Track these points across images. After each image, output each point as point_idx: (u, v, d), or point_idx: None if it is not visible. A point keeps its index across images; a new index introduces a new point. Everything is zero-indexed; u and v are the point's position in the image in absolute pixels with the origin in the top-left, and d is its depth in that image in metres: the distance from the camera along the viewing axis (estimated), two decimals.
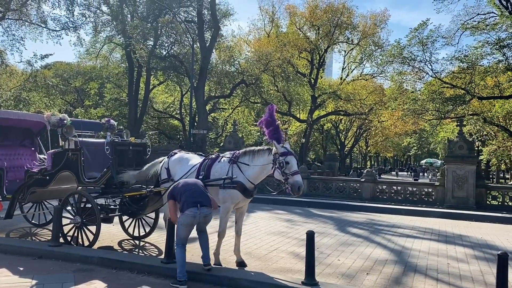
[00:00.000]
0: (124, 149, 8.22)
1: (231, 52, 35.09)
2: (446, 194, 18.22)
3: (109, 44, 36.41)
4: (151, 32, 30.08)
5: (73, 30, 30.75)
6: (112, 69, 39.36)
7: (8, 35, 27.98)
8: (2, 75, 27.95)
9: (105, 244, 8.55)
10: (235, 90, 34.82)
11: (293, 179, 6.35)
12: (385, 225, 12.54)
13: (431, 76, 22.14)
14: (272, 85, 37.64)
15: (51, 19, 29.35)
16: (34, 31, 29.88)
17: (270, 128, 6.85)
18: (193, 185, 6.31)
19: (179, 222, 6.09)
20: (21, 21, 29.07)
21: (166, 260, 6.66)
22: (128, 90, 34.41)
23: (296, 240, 9.65)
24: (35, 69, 29.97)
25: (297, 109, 45.00)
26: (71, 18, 29.96)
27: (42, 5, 29.24)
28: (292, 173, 6.38)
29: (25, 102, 29.84)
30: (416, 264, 7.93)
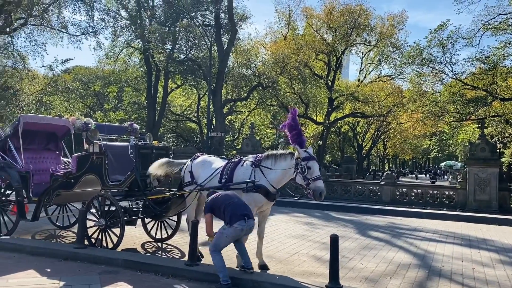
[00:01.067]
0: (147, 152, 8.32)
1: (248, 55, 35.21)
2: (468, 197, 17.96)
3: (128, 48, 36.90)
4: (169, 36, 30.42)
5: (93, 34, 31.25)
6: (131, 73, 39.88)
7: (30, 40, 28.59)
8: (24, 79, 28.50)
9: (128, 247, 8.65)
10: (252, 93, 34.91)
11: (315, 184, 6.35)
12: (407, 228, 12.41)
13: (452, 77, 21.85)
14: (289, 88, 37.61)
15: (71, 24, 29.75)
16: (55, 36, 30.46)
17: (293, 132, 6.86)
18: (235, 197, 6.42)
19: (223, 234, 6.13)
20: (42, 27, 29.67)
21: (190, 263, 6.71)
22: (147, 94, 34.82)
23: (318, 244, 9.62)
24: (56, 73, 30.54)
25: (313, 111, 44.87)
26: (90, 23, 30.49)
27: (62, 11, 29.85)
28: (314, 179, 6.37)
29: (46, 106, 30.37)
30: (440, 268, 7.83)
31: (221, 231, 6.18)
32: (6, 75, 27.60)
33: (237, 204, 6.23)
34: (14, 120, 9.28)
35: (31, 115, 10.02)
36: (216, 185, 7.12)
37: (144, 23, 31.79)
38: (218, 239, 6.19)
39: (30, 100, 29.62)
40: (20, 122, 8.75)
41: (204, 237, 9.28)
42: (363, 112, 41.01)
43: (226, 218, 6.12)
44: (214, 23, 30.03)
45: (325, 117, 40.93)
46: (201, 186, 7.33)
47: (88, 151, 8.23)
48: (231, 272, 6.33)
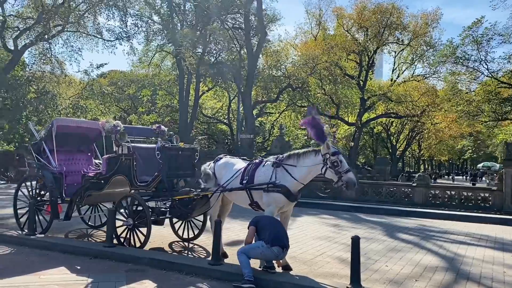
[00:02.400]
0: (174, 153, 8.49)
1: (278, 56, 35.26)
2: (505, 199, 17.32)
3: (161, 52, 37.68)
4: (200, 39, 30.83)
5: (126, 39, 32.16)
6: (164, 76, 40.67)
7: (67, 46, 29.71)
8: (62, 84, 29.58)
9: (156, 246, 8.87)
10: (282, 94, 34.93)
11: (347, 176, 6.50)
12: (437, 231, 12.13)
13: (487, 76, 21.13)
14: (319, 88, 37.38)
15: (106, 30, 30.70)
16: (90, 42, 31.52)
17: (315, 129, 6.91)
18: (281, 226, 6.73)
19: (260, 249, 6.34)
20: (78, 33, 30.75)
21: (213, 262, 6.84)
22: (179, 97, 35.41)
23: (343, 245, 9.55)
24: (92, 78, 31.58)
25: (345, 112, 44.38)
26: (124, 28, 31.36)
27: (97, 17, 30.86)
28: (345, 171, 6.51)
29: (82, 110, 31.42)
30: (469, 272, 7.64)
31: (259, 245, 6.37)
32: (45, 80, 28.70)
33: (282, 232, 6.58)
34: (48, 124, 9.69)
35: (64, 118, 10.45)
36: (238, 186, 7.23)
37: (175, 27, 32.37)
38: (253, 249, 6.39)
39: (67, 104, 30.70)
40: (53, 125, 9.13)
41: (230, 238, 9.45)
42: (397, 112, 40.24)
43: (269, 239, 6.33)
44: (244, 26, 30.22)
45: (357, 118, 40.44)
46: (223, 187, 7.45)
47: (117, 153, 8.50)
48: (255, 272, 6.41)
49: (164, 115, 43.49)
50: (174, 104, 42.22)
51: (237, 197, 7.48)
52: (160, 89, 42.95)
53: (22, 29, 28.62)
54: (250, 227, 6.57)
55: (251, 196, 7.18)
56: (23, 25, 29.02)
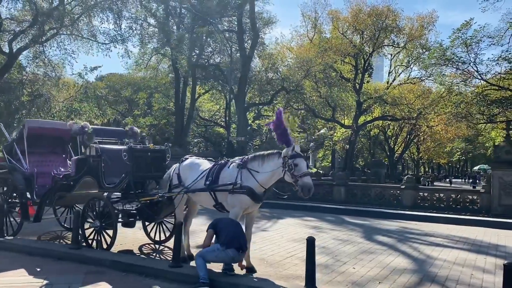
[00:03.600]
0: (142, 155, 8.46)
1: (274, 59, 35.23)
2: (492, 201, 17.21)
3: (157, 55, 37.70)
4: (196, 42, 30.77)
5: (121, 42, 32.11)
6: (160, 79, 40.67)
7: (60, 49, 29.69)
8: (55, 87, 29.62)
9: (127, 248, 8.84)
10: (277, 97, 34.91)
11: (303, 181, 6.38)
12: (417, 233, 12.05)
13: (476, 77, 21.06)
14: (315, 91, 37.34)
15: (100, 33, 30.69)
16: (85, 45, 31.51)
17: (279, 131, 6.88)
18: (239, 228, 6.59)
19: (215, 252, 6.30)
20: (73, 36, 30.78)
21: (173, 264, 6.79)
22: (175, 100, 35.36)
23: (317, 248, 9.25)
24: (86, 80, 31.57)
25: (342, 114, 44.34)
26: (119, 31, 31.35)
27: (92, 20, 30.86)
28: (302, 175, 6.40)
29: (76, 113, 31.39)
30: (436, 274, 7.56)
31: (215, 249, 6.33)
32: (38, 83, 28.75)
33: (239, 234, 6.45)
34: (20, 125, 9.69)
35: (35, 120, 10.44)
36: (201, 187, 7.19)
37: (171, 29, 32.39)
38: (210, 252, 6.34)
39: (61, 107, 30.70)
40: (25, 126, 9.12)
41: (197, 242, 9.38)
42: (393, 115, 40.17)
43: (224, 241, 6.28)
44: (236, 28, 30.24)
45: (353, 121, 40.37)
46: (187, 189, 7.41)
47: (85, 154, 8.48)
48: (212, 274, 6.36)
49: (160, 118, 43.49)
50: (170, 107, 42.23)
51: (202, 198, 7.44)
52: (156, 92, 42.97)
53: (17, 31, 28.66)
54: (208, 230, 6.54)
55: (216, 197, 7.14)
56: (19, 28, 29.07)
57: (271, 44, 40.70)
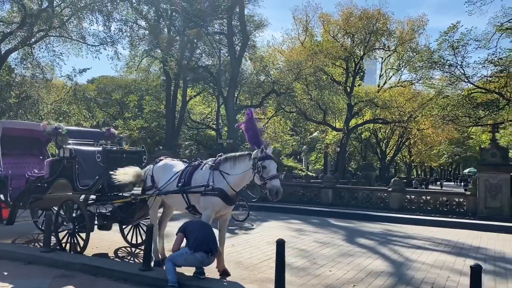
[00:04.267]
0: (117, 156, 8.34)
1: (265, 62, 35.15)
2: (478, 204, 17.23)
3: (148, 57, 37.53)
4: (187, 44, 30.65)
5: (111, 44, 31.96)
6: (151, 81, 40.50)
7: (49, 51, 29.50)
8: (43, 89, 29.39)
9: (102, 251, 8.70)
10: (267, 99, 34.86)
11: (271, 183, 6.26)
12: (400, 235, 11.99)
13: (463, 80, 21.07)
14: (306, 94, 37.29)
15: (89, 34, 30.51)
16: (74, 47, 31.32)
17: (250, 133, 6.79)
18: (209, 230, 6.44)
19: (184, 256, 6.20)
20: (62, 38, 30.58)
21: (144, 268, 6.67)
22: (166, 102, 35.23)
23: (296, 250, 9.40)
24: (75, 82, 31.36)
25: (333, 117, 44.31)
26: (108, 33, 31.19)
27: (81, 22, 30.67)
28: (270, 178, 6.28)
29: (65, 115, 31.17)
30: (412, 276, 7.49)
31: (184, 252, 6.24)
32: (26, 85, 28.52)
33: (208, 237, 6.32)
34: None
35: (10, 121, 10.29)
36: (174, 189, 7.07)
37: (162, 32, 32.26)
38: (178, 256, 6.24)
39: (49, 109, 30.46)
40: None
41: None
42: (384, 118, 40.20)
43: (193, 244, 6.18)
44: (226, 31, 30.18)
45: (344, 124, 40.36)
46: (159, 190, 7.30)
47: (59, 155, 8.34)
48: (182, 277, 6.26)
49: (151, 120, 43.30)
50: (161, 109, 42.05)
51: (174, 201, 7.32)
52: (147, 94, 42.79)
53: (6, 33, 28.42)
54: (178, 233, 6.43)
55: (188, 199, 7.03)
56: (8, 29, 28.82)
57: (263, 47, 40.70)
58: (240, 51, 29.22)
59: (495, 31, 21.95)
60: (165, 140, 36.32)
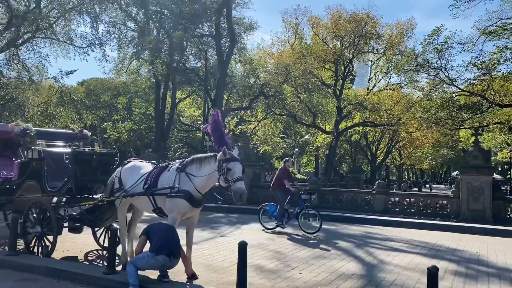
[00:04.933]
0: (88, 158, 8.23)
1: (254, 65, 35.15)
2: (461, 206, 17.24)
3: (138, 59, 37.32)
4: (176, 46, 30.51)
5: (99, 46, 31.74)
6: (140, 83, 40.32)
7: (35, 52, 29.27)
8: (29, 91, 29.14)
9: (72, 254, 8.58)
10: (255, 102, 34.85)
11: (236, 186, 6.22)
12: (379, 238, 11.96)
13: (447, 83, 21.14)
14: (295, 97, 37.34)
15: (77, 36, 30.30)
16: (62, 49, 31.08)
17: (216, 134, 6.73)
18: (172, 233, 6.34)
19: (145, 259, 6.10)
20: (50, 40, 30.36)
21: (107, 271, 6.57)
22: (155, 104, 35.08)
23: (271, 253, 9.34)
24: (61, 84, 31.14)
25: (323, 120, 44.38)
26: (96, 35, 31.00)
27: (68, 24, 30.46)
28: (235, 180, 6.23)
29: (51, 117, 30.94)
30: (382, 279, 7.44)
31: (145, 255, 6.14)
32: (11, 86, 28.26)
33: (171, 240, 6.22)
34: None
35: None
36: (140, 191, 6.99)
37: (151, 34, 32.14)
38: (140, 259, 6.15)
39: (35, 112, 30.19)
40: None
41: None
42: (373, 121, 40.31)
43: (154, 247, 6.09)
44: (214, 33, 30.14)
45: (333, 126, 40.43)
46: (126, 192, 7.21)
47: (27, 157, 8.23)
48: (144, 280, 6.18)
49: (140, 123, 43.09)
50: (151, 112, 41.86)
51: (141, 203, 7.23)
52: (137, 96, 42.61)
53: None
54: (141, 236, 6.35)
55: (154, 201, 6.94)
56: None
57: (253, 50, 40.79)
58: (227, 53, 29.22)
59: (479, 34, 22.08)
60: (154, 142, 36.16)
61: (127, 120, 43.28)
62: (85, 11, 29.87)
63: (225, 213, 17.24)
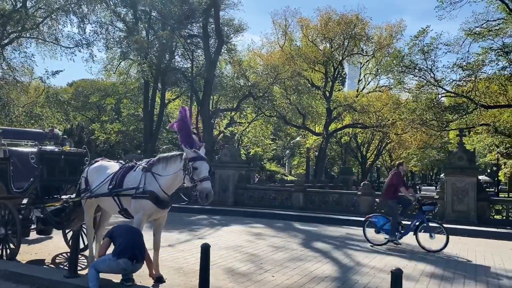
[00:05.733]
0: (55, 158, 8.00)
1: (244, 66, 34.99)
2: (446, 207, 17.13)
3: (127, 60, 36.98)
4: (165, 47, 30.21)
5: (86, 47, 31.41)
6: (129, 84, 39.96)
7: (20, 52, 28.90)
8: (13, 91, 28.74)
9: (40, 257, 8.32)
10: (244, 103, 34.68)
11: (202, 185, 6.00)
12: (359, 239, 11.78)
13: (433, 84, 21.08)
14: (284, 98, 37.20)
15: (64, 36, 29.93)
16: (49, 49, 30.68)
17: (183, 132, 6.52)
18: (136, 235, 6.12)
19: (106, 262, 5.90)
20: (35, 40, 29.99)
21: (69, 275, 6.33)
22: (144, 105, 34.77)
23: (246, 255, 9.13)
24: (47, 85, 30.75)
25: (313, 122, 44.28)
26: (83, 35, 30.67)
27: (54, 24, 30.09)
28: (201, 180, 6.02)
29: (37, 118, 30.54)
30: (356, 281, 7.27)
31: (106, 258, 5.94)
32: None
33: (134, 243, 5.98)
34: None
35: None
36: (105, 191, 6.76)
37: (140, 34, 31.85)
38: (102, 262, 5.96)
39: (21, 112, 29.78)
40: None
41: None
42: (363, 123, 40.23)
43: (116, 250, 5.89)
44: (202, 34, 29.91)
45: (323, 128, 40.34)
46: (91, 193, 6.98)
47: None
48: (106, 284, 5.97)
49: (128, 124, 42.75)
50: (139, 113, 41.54)
51: (106, 204, 7.00)
52: (125, 97, 42.25)
53: None
54: (105, 238, 6.13)
55: (120, 202, 6.71)
56: None
57: (244, 51, 40.60)
58: (215, 54, 29.01)
59: (466, 36, 22.05)
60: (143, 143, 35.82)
61: (115, 121, 42.87)
62: (71, 11, 29.56)
63: (208, 214, 17.01)
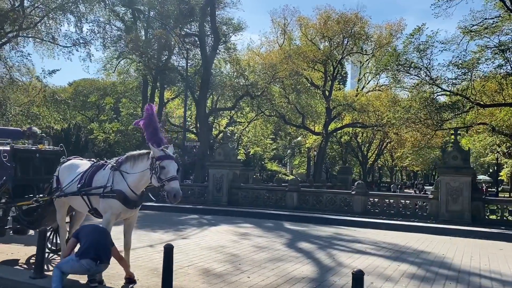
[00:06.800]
0: (29, 156, 7.87)
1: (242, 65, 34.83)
2: (440, 207, 16.92)
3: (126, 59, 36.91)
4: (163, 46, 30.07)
5: (83, 46, 31.32)
6: (128, 83, 39.91)
7: (16, 51, 28.85)
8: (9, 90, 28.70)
9: (14, 258, 8.17)
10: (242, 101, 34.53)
11: (170, 185, 5.84)
12: (347, 239, 11.61)
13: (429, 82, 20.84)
14: (283, 98, 37.03)
15: (61, 36, 29.87)
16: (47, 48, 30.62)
17: (149, 130, 6.36)
18: (101, 235, 5.96)
19: (70, 263, 5.77)
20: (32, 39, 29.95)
21: (34, 275, 6.20)
22: (142, 104, 34.63)
23: (226, 256, 8.97)
24: (44, 84, 30.71)
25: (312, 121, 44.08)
26: (80, 34, 30.59)
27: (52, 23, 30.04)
28: (169, 179, 5.86)
29: (34, 117, 30.50)
30: (333, 283, 7.10)
31: (70, 259, 5.82)
32: None
33: (98, 243, 5.82)
34: None
35: None
36: (73, 190, 6.62)
37: (139, 33, 31.76)
38: (65, 263, 5.84)
39: (17, 111, 29.75)
40: None
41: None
42: (363, 122, 39.99)
43: (79, 250, 5.77)
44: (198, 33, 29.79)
45: (323, 127, 40.13)
46: (62, 192, 6.84)
47: None
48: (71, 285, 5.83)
49: (127, 123, 42.65)
50: (138, 112, 41.43)
51: (76, 203, 6.86)
52: (124, 96, 42.20)
53: None
54: (71, 238, 5.99)
55: (90, 202, 6.57)
56: None
57: (243, 50, 40.50)
58: (211, 53, 28.88)
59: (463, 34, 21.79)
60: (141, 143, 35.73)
61: (114, 120, 42.81)
62: (69, 10, 29.49)
63: (199, 214, 16.89)
